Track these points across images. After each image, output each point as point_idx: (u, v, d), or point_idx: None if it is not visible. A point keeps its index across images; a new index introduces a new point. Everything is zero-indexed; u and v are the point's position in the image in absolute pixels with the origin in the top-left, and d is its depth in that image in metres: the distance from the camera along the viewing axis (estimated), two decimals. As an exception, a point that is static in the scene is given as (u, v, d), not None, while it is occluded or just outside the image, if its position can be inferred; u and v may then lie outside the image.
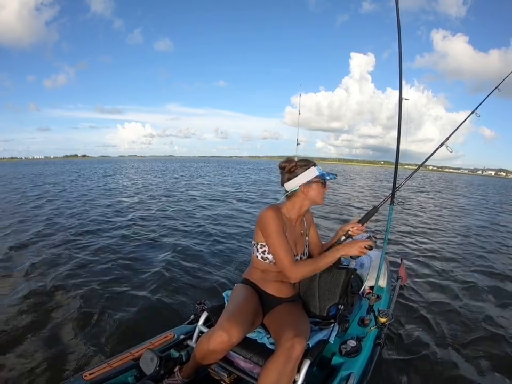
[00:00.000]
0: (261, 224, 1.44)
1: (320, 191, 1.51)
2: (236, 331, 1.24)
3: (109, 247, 4.40)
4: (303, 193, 1.49)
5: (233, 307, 1.39)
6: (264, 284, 1.53)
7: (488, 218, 8.87)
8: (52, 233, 5.12)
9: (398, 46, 1.44)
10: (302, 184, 1.48)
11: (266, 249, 1.47)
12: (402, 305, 2.87)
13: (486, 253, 4.95)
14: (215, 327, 1.29)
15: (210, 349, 1.26)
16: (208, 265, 3.74)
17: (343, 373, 1.42)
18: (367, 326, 1.72)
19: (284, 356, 1.20)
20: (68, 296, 2.87)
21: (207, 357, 1.31)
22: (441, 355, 2.21)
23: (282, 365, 1.19)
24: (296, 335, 1.24)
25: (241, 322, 1.28)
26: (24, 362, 1.98)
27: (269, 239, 1.42)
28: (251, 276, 1.56)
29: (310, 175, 1.48)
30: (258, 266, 1.53)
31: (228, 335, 1.23)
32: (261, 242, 1.47)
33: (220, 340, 1.23)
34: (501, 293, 3.33)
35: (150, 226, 5.75)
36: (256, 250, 1.50)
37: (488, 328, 2.58)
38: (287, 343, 1.22)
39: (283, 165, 1.52)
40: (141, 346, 1.56)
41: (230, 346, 1.27)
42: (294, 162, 1.51)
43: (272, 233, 1.40)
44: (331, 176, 1.53)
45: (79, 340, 2.23)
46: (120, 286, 3.13)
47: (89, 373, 1.33)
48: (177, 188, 13.05)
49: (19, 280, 3.20)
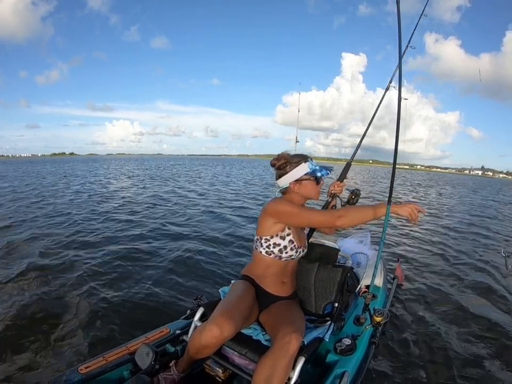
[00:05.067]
0: (276, 211, 1.40)
1: (312, 187, 1.49)
2: (228, 326, 1.23)
3: (107, 242, 4.40)
4: (294, 190, 1.48)
5: (227, 302, 1.38)
6: (264, 281, 1.51)
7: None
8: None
9: (398, 46, 1.44)
10: (292, 182, 1.47)
11: (271, 243, 1.44)
12: (398, 304, 2.89)
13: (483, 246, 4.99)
14: (207, 321, 1.29)
15: (202, 344, 1.26)
16: (205, 262, 3.75)
17: (338, 371, 1.42)
18: (363, 324, 1.72)
19: (280, 351, 1.21)
20: (63, 291, 2.87)
21: (200, 352, 1.31)
22: (437, 354, 2.22)
23: (278, 360, 1.20)
24: (293, 331, 1.24)
25: (234, 317, 1.27)
26: (18, 355, 1.98)
27: (295, 217, 1.39)
28: (251, 272, 1.54)
29: (300, 172, 1.46)
30: (260, 262, 1.50)
31: (219, 329, 1.22)
32: (265, 237, 1.45)
33: (211, 334, 1.23)
34: (500, 289, 3.36)
35: (146, 224, 5.75)
36: (260, 245, 1.47)
37: (486, 326, 2.60)
38: (284, 338, 1.22)
39: (273, 162, 1.52)
40: (137, 341, 1.56)
41: (222, 341, 1.27)
42: (284, 159, 1.48)
43: (294, 210, 1.38)
44: (323, 172, 1.48)
45: (74, 333, 2.23)
46: (116, 281, 3.13)
47: (85, 367, 1.33)
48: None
49: (14, 286, 3.19)
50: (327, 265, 1.78)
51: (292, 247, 1.46)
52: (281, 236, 1.45)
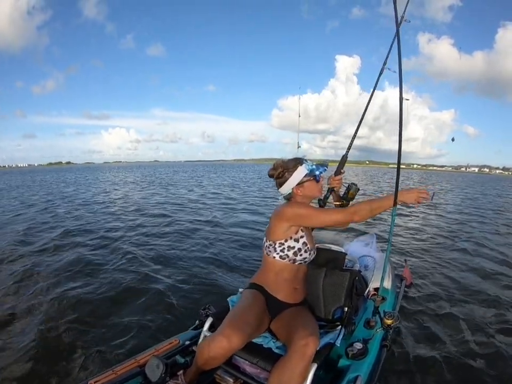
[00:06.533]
0: (294, 215, 1.42)
1: (314, 187, 1.52)
2: (237, 337, 1.23)
3: (113, 253, 4.40)
4: (298, 194, 1.51)
5: (235, 313, 1.38)
6: (275, 288, 1.49)
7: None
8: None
9: (398, 47, 1.46)
10: (294, 187, 1.50)
11: (285, 247, 1.45)
12: (408, 306, 2.85)
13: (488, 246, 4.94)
14: (215, 333, 1.29)
15: (211, 355, 1.25)
16: (213, 271, 3.72)
17: (350, 376, 1.41)
18: (373, 328, 1.71)
19: (297, 354, 1.20)
20: (70, 304, 2.85)
21: (208, 363, 1.30)
22: (450, 355, 2.18)
23: (294, 365, 1.19)
24: (310, 334, 1.24)
25: (242, 328, 1.27)
26: (27, 370, 1.97)
27: (313, 218, 1.42)
28: (261, 280, 1.53)
29: (299, 176, 1.49)
30: (272, 268, 1.49)
31: (227, 341, 1.22)
32: (280, 241, 1.45)
33: (219, 345, 1.22)
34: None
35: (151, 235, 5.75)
36: (274, 250, 1.46)
37: (498, 327, 2.56)
38: (301, 341, 1.21)
39: (271, 173, 1.55)
40: (146, 353, 1.55)
41: (230, 352, 1.27)
42: (280, 167, 1.51)
43: (313, 212, 1.41)
44: (321, 170, 1.53)
45: (83, 347, 2.21)
46: (124, 292, 3.12)
47: (94, 381, 1.32)
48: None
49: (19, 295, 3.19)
50: (335, 270, 1.77)
51: (306, 249, 1.47)
52: (295, 239, 1.45)
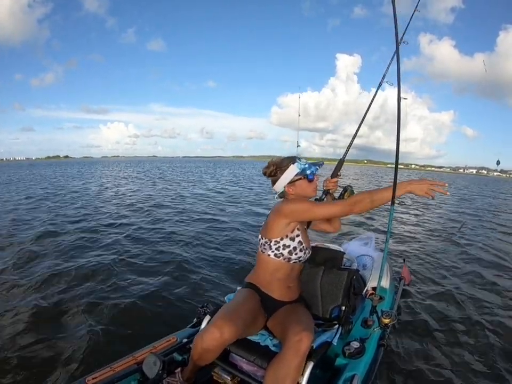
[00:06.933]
0: (292, 210, 1.41)
1: (306, 186, 1.50)
2: (228, 328, 1.24)
3: (111, 250, 4.40)
4: (290, 193, 1.51)
5: (228, 306, 1.39)
6: (269, 287, 1.50)
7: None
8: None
9: (396, 46, 1.45)
10: (286, 185, 1.50)
11: (280, 245, 1.44)
12: (406, 305, 2.86)
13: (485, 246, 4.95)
14: (208, 325, 1.31)
15: (204, 347, 1.26)
16: (211, 269, 3.73)
17: (347, 374, 1.41)
18: (370, 327, 1.71)
19: (291, 350, 1.21)
20: (69, 302, 2.85)
21: (202, 356, 1.30)
22: (446, 355, 2.19)
23: (290, 360, 1.20)
24: (303, 329, 1.25)
25: (234, 320, 1.28)
26: (24, 367, 1.97)
27: (310, 212, 1.40)
28: (255, 279, 1.53)
29: (290, 175, 1.49)
30: (267, 267, 1.49)
31: (219, 331, 1.22)
32: (275, 239, 1.44)
33: (211, 336, 1.23)
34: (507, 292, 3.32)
35: (151, 232, 5.74)
36: (269, 247, 1.46)
37: (494, 327, 2.57)
38: (295, 337, 1.22)
39: (264, 171, 1.55)
40: (144, 350, 1.56)
41: (223, 344, 1.27)
42: (273, 166, 1.52)
43: (310, 206, 1.40)
44: (313, 169, 1.50)
45: (81, 344, 2.22)
46: (122, 290, 3.11)
47: (92, 377, 1.33)
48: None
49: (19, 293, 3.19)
50: (333, 269, 1.77)
51: (301, 248, 1.47)
52: (290, 237, 1.45)
